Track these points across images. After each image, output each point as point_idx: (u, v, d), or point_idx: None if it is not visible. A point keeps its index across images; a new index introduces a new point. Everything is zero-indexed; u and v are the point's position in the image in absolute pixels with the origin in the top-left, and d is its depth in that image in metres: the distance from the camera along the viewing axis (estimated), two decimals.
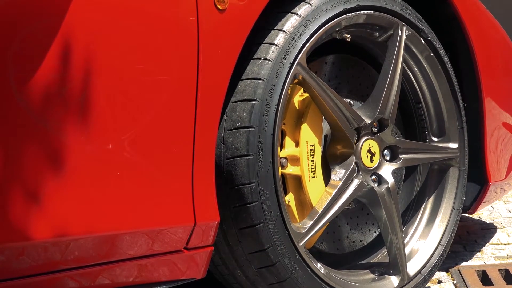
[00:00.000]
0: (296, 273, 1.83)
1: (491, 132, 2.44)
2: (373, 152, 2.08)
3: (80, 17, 1.47)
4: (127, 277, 1.62)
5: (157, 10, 1.58)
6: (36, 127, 1.42)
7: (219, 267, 1.91)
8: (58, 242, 1.47)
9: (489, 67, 2.43)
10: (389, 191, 2.08)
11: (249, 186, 1.74)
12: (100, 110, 1.49)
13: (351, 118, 1.99)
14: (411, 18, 2.14)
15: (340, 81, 2.20)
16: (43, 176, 1.43)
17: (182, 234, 1.65)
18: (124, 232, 1.55)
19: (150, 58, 1.56)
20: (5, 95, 1.39)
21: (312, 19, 1.88)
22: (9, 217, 1.40)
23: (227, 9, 1.68)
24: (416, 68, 2.25)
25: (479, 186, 2.47)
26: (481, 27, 2.43)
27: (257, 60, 1.79)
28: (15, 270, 1.45)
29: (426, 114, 2.31)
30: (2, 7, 1.39)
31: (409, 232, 2.29)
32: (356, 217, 2.27)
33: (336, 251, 2.21)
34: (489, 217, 3.33)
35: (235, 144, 1.75)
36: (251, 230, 1.77)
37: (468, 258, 2.64)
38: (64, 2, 1.45)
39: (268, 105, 1.77)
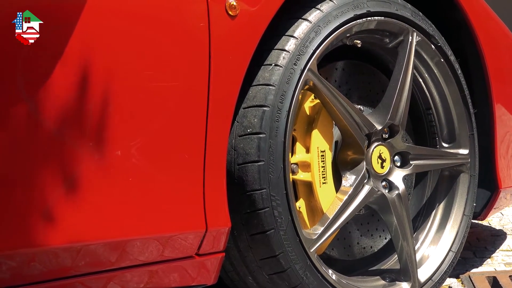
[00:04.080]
0: (307, 279, 1.83)
1: (501, 138, 2.43)
2: (384, 158, 2.07)
3: (92, 23, 1.47)
4: (138, 283, 1.61)
5: (168, 16, 1.58)
6: (47, 132, 1.42)
7: (230, 273, 1.91)
8: (69, 248, 1.47)
9: (499, 73, 2.43)
10: (399, 197, 2.08)
11: (260, 192, 1.74)
12: (112, 116, 1.49)
13: (362, 124, 1.99)
14: (422, 24, 2.13)
15: (351, 87, 2.20)
16: (55, 182, 1.43)
17: (194, 240, 1.64)
18: (135, 238, 1.55)
19: (162, 64, 1.56)
20: (16, 100, 1.39)
21: (322, 25, 1.88)
22: (20, 223, 1.40)
23: (238, 15, 1.68)
24: (426, 74, 2.25)
25: (489, 192, 2.47)
26: (491, 33, 2.42)
27: (268, 66, 1.79)
28: (26, 276, 1.45)
29: (436, 120, 2.31)
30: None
31: (419, 238, 2.29)
32: (366, 223, 2.26)
33: (346, 257, 2.21)
34: (499, 224, 3.32)
35: (246, 150, 1.75)
36: (262, 236, 1.76)
37: (478, 265, 2.63)
38: (76, 9, 1.45)
39: (279, 111, 1.77)
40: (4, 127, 1.39)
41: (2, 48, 1.39)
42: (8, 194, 1.39)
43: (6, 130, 1.39)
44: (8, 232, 1.40)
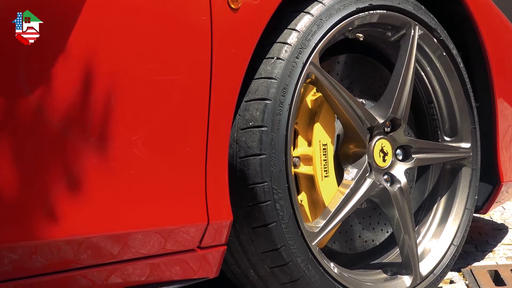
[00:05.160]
0: (309, 273, 1.83)
1: (503, 132, 2.43)
2: (386, 151, 2.07)
3: (92, 20, 1.47)
4: (139, 276, 1.62)
5: (170, 9, 1.58)
6: (49, 129, 1.43)
7: (232, 266, 1.91)
8: (71, 241, 1.47)
9: (501, 67, 2.42)
10: (401, 191, 2.08)
11: (262, 185, 1.74)
12: (114, 111, 1.49)
13: (364, 118, 1.98)
14: (424, 18, 2.13)
15: (353, 81, 2.20)
16: (57, 176, 1.43)
17: (195, 233, 1.64)
18: (137, 231, 1.55)
19: (164, 58, 1.56)
20: (16, 100, 1.39)
21: (325, 18, 1.87)
22: (23, 216, 1.40)
23: (240, 8, 1.68)
24: (428, 68, 2.25)
25: (491, 186, 2.46)
26: (494, 27, 2.42)
27: (270, 59, 1.79)
28: (29, 268, 1.45)
29: (438, 113, 2.30)
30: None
31: (421, 231, 2.29)
32: (368, 217, 2.26)
33: (348, 251, 2.21)
34: (501, 218, 3.32)
35: (248, 143, 1.75)
36: (264, 230, 1.76)
37: (480, 259, 2.63)
38: (76, 6, 1.45)
39: (281, 105, 1.77)
40: (4, 126, 1.39)
41: (2, 48, 1.39)
42: (10, 187, 1.39)
43: (7, 129, 1.39)
44: (10, 225, 1.40)
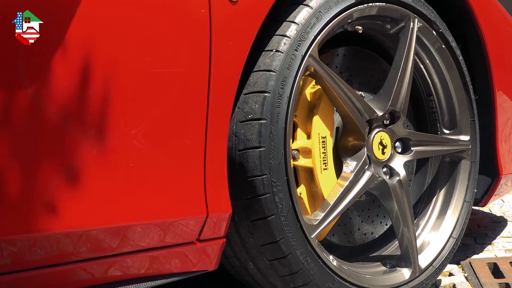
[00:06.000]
0: (308, 265, 1.83)
1: (502, 124, 2.43)
2: (385, 144, 2.07)
3: (92, 19, 1.47)
4: (138, 269, 1.62)
5: (169, 2, 1.58)
6: (49, 127, 1.43)
7: (231, 259, 1.91)
8: (70, 233, 1.47)
9: (500, 59, 2.42)
10: (400, 184, 2.08)
11: (261, 178, 1.74)
12: (113, 102, 1.49)
13: (363, 110, 1.98)
14: (423, 10, 2.13)
15: (352, 73, 2.20)
16: (56, 169, 1.43)
17: (194, 226, 1.65)
18: (136, 223, 1.55)
19: (163, 51, 1.56)
20: (16, 100, 1.39)
21: (324, 10, 1.87)
22: (22, 209, 1.40)
23: (239, 1, 1.68)
24: (427, 60, 2.25)
25: (490, 179, 2.47)
26: (493, 20, 2.42)
27: (269, 52, 1.79)
28: (28, 261, 1.45)
29: (437, 106, 2.30)
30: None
31: (420, 224, 2.29)
32: (367, 210, 2.26)
33: (347, 244, 2.21)
34: (500, 211, 3.32)
35: (247, 136, 1.75)
36: (263, 222, 1.77)
37: (479, 251, 2.63)
38: (76, 4, 1.45)
39: (280, 97, 1.76)
40: (5, 124, 1.39)
41: (2, 48, 1.39)
42: (9, 180, 1.39)
43: (7, 126, 1.39)
44: (10, 218, 1.40)
